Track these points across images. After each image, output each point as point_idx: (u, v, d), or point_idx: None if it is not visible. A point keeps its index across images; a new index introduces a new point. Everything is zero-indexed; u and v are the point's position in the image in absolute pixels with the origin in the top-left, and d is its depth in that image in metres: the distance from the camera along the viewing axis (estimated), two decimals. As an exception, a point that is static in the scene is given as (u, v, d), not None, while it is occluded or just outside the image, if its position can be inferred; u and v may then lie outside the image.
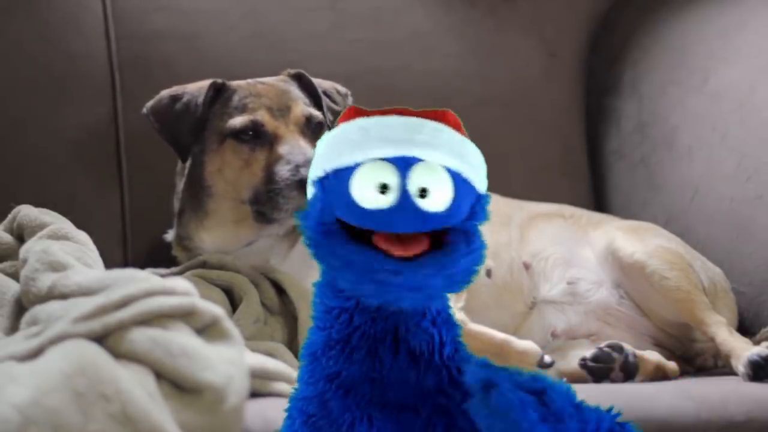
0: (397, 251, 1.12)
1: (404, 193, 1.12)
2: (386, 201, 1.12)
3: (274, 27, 2.45)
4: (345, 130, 1.19)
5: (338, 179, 1.15)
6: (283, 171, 1.88)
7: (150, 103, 2.02)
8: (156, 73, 2.32)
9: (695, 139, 2.39)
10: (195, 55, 2.36)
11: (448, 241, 1.14)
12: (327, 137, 1.21)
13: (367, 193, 1.12)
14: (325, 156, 1.19)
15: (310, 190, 1.19)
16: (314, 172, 1.19)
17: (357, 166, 1.14)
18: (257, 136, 1.94)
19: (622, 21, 2.71)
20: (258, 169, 1.92)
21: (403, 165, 1.13)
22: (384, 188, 1.12)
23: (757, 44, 2.33)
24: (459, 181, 1.16)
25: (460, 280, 1.16)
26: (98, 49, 2.31)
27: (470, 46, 2.62)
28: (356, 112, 1.20)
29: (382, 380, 1.19)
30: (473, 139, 1.24)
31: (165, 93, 2.02)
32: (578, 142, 2.68)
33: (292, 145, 1.91)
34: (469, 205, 1.18)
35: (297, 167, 1.86)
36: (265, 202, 1.90)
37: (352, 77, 2.37)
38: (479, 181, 1.21)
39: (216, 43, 2.40)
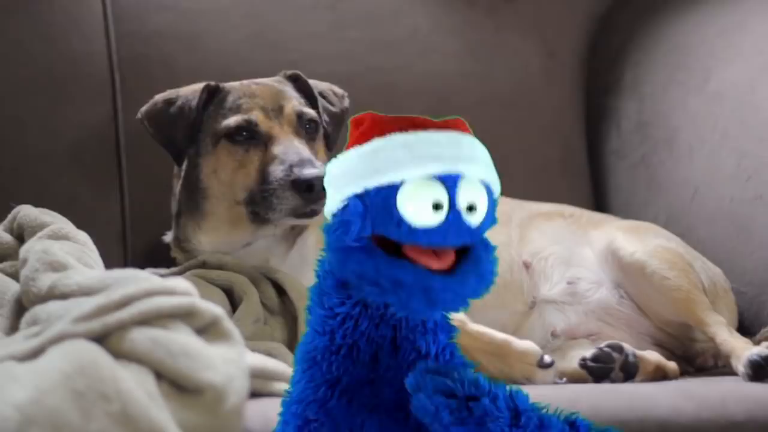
0: (436, 264, 1.14)
1: (454, 210, 1.14)
2: (438, 218, 1.13)
3: (274, 27, 2.45)
4: (384, 146, 1.18)
5: (382, 196, 1.15)
6: (277, 171, 1.88)
7: (144, 108, 2.03)
8: (156, 73, 2.32)
9: (695, 139, 2.39)
10: (195, 55, 2.36)
11: (473, 249, 1.17)
12: (359, 152, 1.19)
13: (420, 210, 1.13)
14: (362, 172, 1.17)
15: (338, 203, 1.18)
16: (350, 188, 1.17)
17: (402, 183, 1.14)
18: (251, 137, 1.94)
19: (622, 21, 2.71)
20: (252, 170, 1.92)
21: (451, 182, 1.14)
22: (437, 206, 1.13)
23: (757, 44, 2.33)
24: (490, 193, 1.19)
25: (489, 284, 1.18)
26: (98, 49, 2.31)
27: (470, 46, 2.62)
28: (377, 123, 1.19)
29: (384, 387, 1.19)
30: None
31: (159, 97, 2.03)
32: (578, 142, 2.68)
33: (286, 145, 1.91)
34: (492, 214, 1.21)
35: (291, 167, 1.86)
36: (260, 203, 1.90)
37: (352, 77, 2.37)
38: (497, 189, 1.23)
39: (216, 43, 2.40)
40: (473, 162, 1.17)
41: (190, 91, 2.00)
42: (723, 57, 2.40)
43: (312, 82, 2.08)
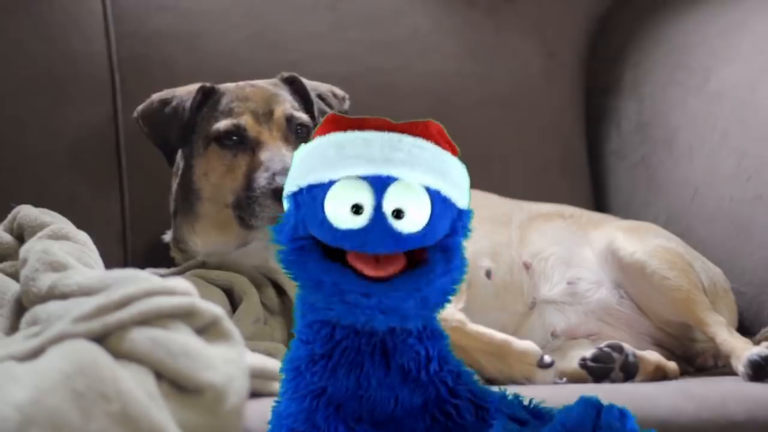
0: (371, 271, 1.10)
1: (378, 214, 1.09)
2: (359, 221, 1.09)
3: (274, 27, 2.45)
4: (320, 144, 1.15)
5: (312, 196, 1.12)
6: (260, 178, 1.87)
7: (140, 108, 2.03)
8: (156, 73, 2.32)
9: (695, 139, 2.39)
10: (195, 55, 2.36)
11: (426, 260, 1.12)
12: (303, 150, 1.18)
13: (341, 212, 1.10)
14: (299, 170, 1.15)
15: (285, 204, 1.17)
16: (288, 187, 1.16)
17: (331, 183, 1.11)
18: (240, 141, 1.94)
19: (622, 21, 2.71)
20: (240, 175, 1.92)
21: (379, 184, 1.10)
22: (357, 208, 1.09)
23: (757, 44, 2.33)
24: (437, 200, 1.13)
25: (436, 301, 1.13)
26: (98, 49, 2.31)
27: (470, 46, 2.62)
28: (335, 123, 1.16)
29: (370, 398, 1.16)
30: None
31: (155, 97, 2.03)
32: (578, 143, 2.68)
33: (272, 152, 1.90)
34: (448, 223, 1.15)
35: (274, 175, 1.85)
36: (245, 208, 1.90)
37: (352, 77, 2.37)
38: (461, 197, 1.17)
39: (216, 43, 2.40)
40: (413, 167, 1.12)
41: (185, 92, 2.00)
42: (723, 57, 2.40)
43: (313, 83, 2.08)
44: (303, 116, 1.99)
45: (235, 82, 2.03)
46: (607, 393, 1.71)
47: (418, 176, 1.12)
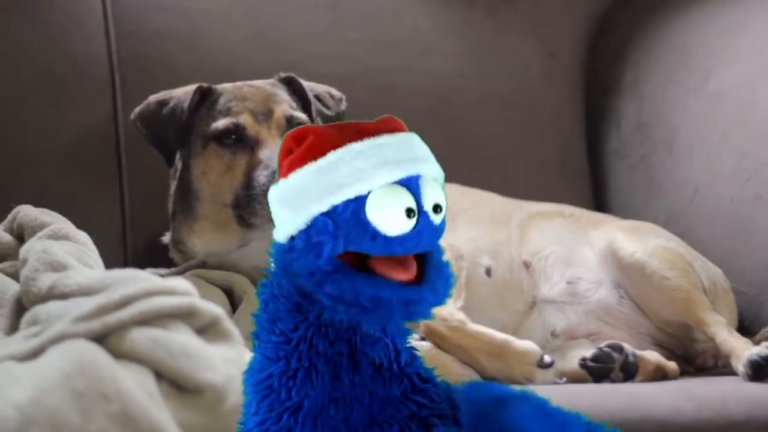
0: (405, 275, 1.10)
1: (424, 213, 1.10)
2: (412, 223, 1.10)
3: (274, 27, 2.45)
4: (343, 157, 1.11)
5: (351, 210, 1.09)
6: (261, 176, 1.88)
7: (137, 109, 2.04)
8: (156, 73, 2.32)
9: (695, 139, 2.39)
10: (195, 55, 2.36)
11: (431, 254, 1.13)
12: (316, 168, 1.12)
13: (395, 219, 1.09)
14: (324, 188, 1.11)
15: (300, 225, 1.11)
16: (314, 207, 1.10)
17: (367, 195, 1.09)
18: (239, 140, 1.94)
19: (622, 21, 2.71)
20: (239, 173, 1.92)
21: (414, 184, 1.10)
22: (410, 212, 1.09)
23: (757, 44, 2.33)
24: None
25: (451, 288, 1.15)
26: (98, 49, 2.31)
27: (470, 46, 2.62)
28: (325, 137, 1.13)
29: (344, 399, 1.15)
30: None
31: (152, 98, 2.03)
32: (578, 143, 2.68)
33: (272, 150, 1.90)
34: None
35: (274, 173, 1.84)
36: (244, 207, 1.90)
37: (352, 77, 2.37)
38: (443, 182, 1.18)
39: (216, 43, 2.40)
40: (426, 161, 1.13)
41: (182, 93, 2.01)
42: (723, 57, 2.40)
43: (310, 84, 2.08)
44: (302, 116, 2.00)
45: (234, 82, 2.04)
46: (607, 393, 1.72)
47: (433, 170, 1.14)
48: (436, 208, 1.11)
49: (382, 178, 1.10)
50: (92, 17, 2.32)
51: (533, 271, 2.17)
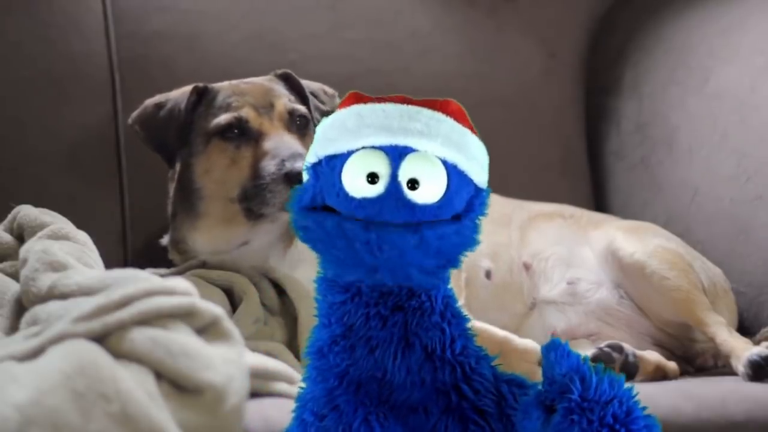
0: None
1: (394, 183, 1.10)
2: (375, 190, 1.11)
3: (274, 27, 2.45)
4: (341, 116, 1.18)
5: (330, 166, 1.14)
6: (269, 166, 1.87)
7: (135, 113, 2.04)
8: (156, 73, 2.32)
9: (695, 139, 2.39)
10: (195, 55, 2.37)
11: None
12: (324, 123, 1.20)
13: (357, 181, 1.11)
14: (319, 142, 1.18)
15: (305, 176, 1.18)
16: (309, 158, 1.18)
17: (350, 153, 1.13)
18: (242, 133, 1.94)
19: (622, 21, 2.71)
20: (245, 166, 1.92)
21: (395, 154, 1.11)
22: (373, 177, 1.11)
23: (757, 44, 2.33)
24: (454, 173, 1.15)
25: (439, 249, 1.13)
26: (98, 49, 2.31)
27: (470, 46, 2.62)
28: (356, 98, 1.19)
29: (387, 381, 1.18)
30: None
31: (149, 102, 2.04)
32: (578, 143, 2.68)
33: (277, 141, 1.91)
34: (465, 199, 1.16)
35: (283, 161, 1.85)
36: (253, 198, 1.90)
37: (352, 78, 2.38)
38: (479, 174, 1.19)
39: (216, 43, 2.40)
40: (431, 138, 1.14)
41: (179, 94, 2.01)
42: (723, 57, 2.40)
43: (305, 82, 2.09)
44: (303, 108, 2.00)
45: (219, 83, 2.04)
46: (607, 393, 1.72)
47: (434, 147, 1.14)
48: (413, 183, 1.11)
49: (363, 140, 1.13)
50: (92, 18, 2.32)
51: (533, 272, 2.17)
